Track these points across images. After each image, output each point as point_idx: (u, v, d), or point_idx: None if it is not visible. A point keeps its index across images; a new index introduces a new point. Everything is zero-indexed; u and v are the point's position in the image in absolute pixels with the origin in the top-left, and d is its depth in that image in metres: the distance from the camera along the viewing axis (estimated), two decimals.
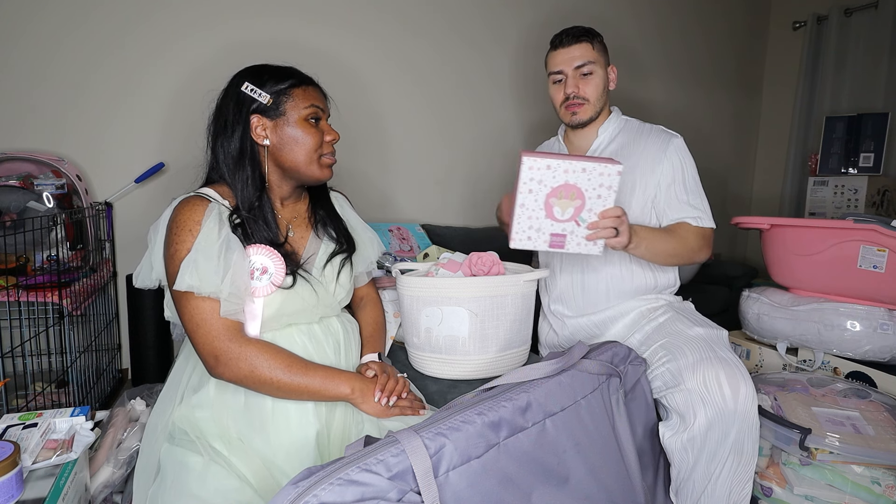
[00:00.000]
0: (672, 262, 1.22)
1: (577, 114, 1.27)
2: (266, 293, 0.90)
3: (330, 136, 0.99)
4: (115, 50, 1.77)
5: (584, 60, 1.24)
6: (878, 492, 1.02)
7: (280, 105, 0.94)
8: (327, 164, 0.99)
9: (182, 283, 0.83)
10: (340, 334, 1.02)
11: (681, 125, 1.41)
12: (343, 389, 0.91)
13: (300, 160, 0.96)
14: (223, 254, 0.85)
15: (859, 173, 2.56)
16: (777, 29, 3.31)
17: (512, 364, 1.15)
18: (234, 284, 0.85)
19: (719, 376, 0.97)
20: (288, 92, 0.95)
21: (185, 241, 0.86)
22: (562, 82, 1.28)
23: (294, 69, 0.99)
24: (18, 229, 1.34)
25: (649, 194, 1.25)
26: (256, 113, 0.94)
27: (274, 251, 0.92)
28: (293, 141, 0.95)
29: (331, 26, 2.07)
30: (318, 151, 0.97)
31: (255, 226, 0.93)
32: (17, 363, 1.43)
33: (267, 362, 0.86)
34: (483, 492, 0.68)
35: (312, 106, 0.96)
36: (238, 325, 0.88)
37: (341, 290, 1.03)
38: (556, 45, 1.28)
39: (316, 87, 1.00)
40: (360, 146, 2.18)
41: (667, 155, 1.24)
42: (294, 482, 0.58)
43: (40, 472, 0.78)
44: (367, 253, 1.13)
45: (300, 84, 0.97)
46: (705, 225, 1.23)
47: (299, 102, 0.95)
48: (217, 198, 0.94)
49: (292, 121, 0.95)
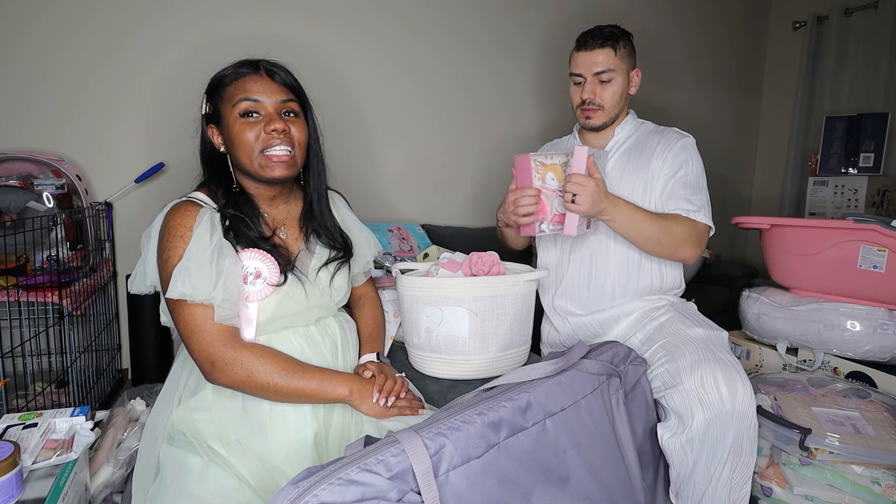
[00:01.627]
0: (650, 249, 1.20)
1: (591, 118, 1.28)
2: (261, 297, 0.89)
3: (272, 126, 0.88)
4: (115, 50, 1.77)
5: (605, 67, 1.24)
6: (878, 492, 1.02)
7: (218, 109, 0.93)
8: (276, 161, 0.90)
9: (174, 291, 0.82)
10: (338, 335, 1.01)
11: (681, 125, 1.41)
12: (341, 391, 0.90)
13: (245, 161, 0.91)
14: (215, 260, 0.85)
15: (859, 173, 2.55)
16: (777, 29, 3.31)
17: (512, 364, 1.15)
18: (227, 290, 0.84)
19: (717, 377, 0.97)
20: (220, 93, 0.92)
21: (176, 248, 0.85)
22: (580, 84, 1.28)
23: (232, 65, 0.93)
24: (18, 229, 1.34)
25: (655, 188, 1.26)
26: (210, 122, 0.95)
27: (267, 255, 0.90)
28: (233, 143, 0.91)
29: (331, 27, 2.07)
30: (258, 147, 0.90)
31: (242, 226, 0.92)
32: (17, 363, 1.43)
33: (263, 367, 0.85)
34: (483, 492, 0.68)
35: (242, 100, 0.89)
36: (233, 331, 0.87)
37: (337, 292, 1.02)
38: (580, 45, 1.27)
39: (256, 75, 0.91)
40: (361, 146, 2.19)
41: (672, 151, 1.25)
42: (294, 482, 0.58)
43: (40, 472, 0.78)
44: (364, 253, 1.12)
45: (234, 79, 0.91)
46: (698, 220, 1.21)
47: (230, 100, 0.90)
48: (208, 202, 0.93)
49: (228, 122, 0.91)
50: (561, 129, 1.48)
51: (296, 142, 0.93)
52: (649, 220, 1.17)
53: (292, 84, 0.95)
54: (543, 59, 2.54)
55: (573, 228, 1.11)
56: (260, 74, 0.92)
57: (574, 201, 1.08)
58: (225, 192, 0.94)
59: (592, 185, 1.07)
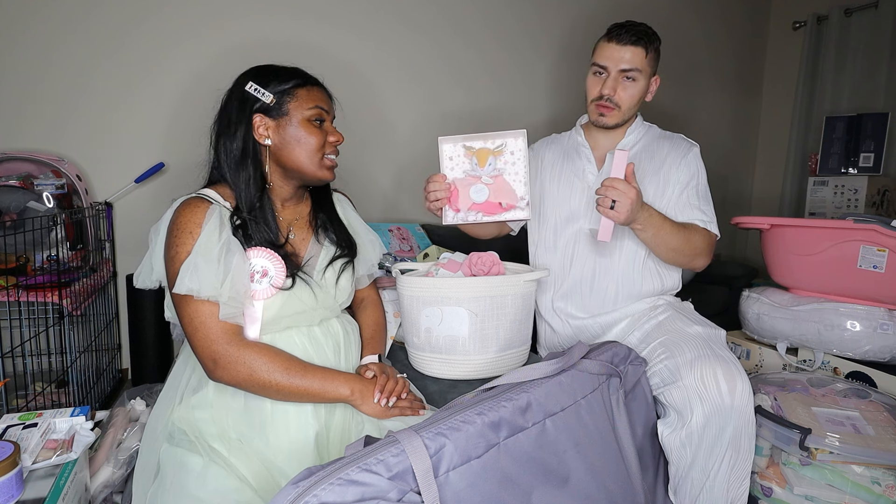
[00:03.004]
0: (671, 258, 1.22)
1: (605, 116, 1.23)
2: (266, 296, 0.90)
3: (334, 138, 0.98)
4: (115, 50, 1.77)
5: (632, 66, 1.18)
6: (878, 492, 1.02)
7: (283, 105, 0.94)
8: (329, 165, 0.99)
9: (182, 287, 0.83)
10: (340, 336, 1.01)
11: (681, 125, 1.42)
12: (342, 391, 0.91)
13: (302, 161, 0.95)
14: (223, 257, 0.85)
15: (859, 173, 2.55)
16: (777, 29, 3.31)
17: (512, 364, 1.15)
18: (233, 288, 0.85)
19: (716, 373, 0.98)
20: (291, 92, 0.95)
21: (185, 244, 0.86)
22: (601, 77, 1.22)
23: (299, 70, 0.99)
24: (18, 229, 1.34)
25: (668, 195, 1.26)
26: (259, 112, 0.94)
27: (274, 254, 0.91)
28: (295, 141, 0.94)
29: (335, 27, 2.07)
30: (321, 152, 0.96)
31: (256, 227, 0.93)
32: (17, 363, 1.43)
33: (266, 365, 0.86)
34: (483, 492, 0.68)
35: (316, 107, 0.96)
36: (237, 329, 0.88)
37: (342, 293, 1.03)
38: (611, 36, 1.20)
39: (321, 89, 0.99)
40: (360, 146, 2.18)
41: (686, 160, 1.26)
42: (294, 482, 0.58)
43: (40, 472, 0.78)
44: (369, 255, 1.12)
45: (304, 84, 0.96)
46: (712, 230, 1.24)
47: (303, 103, 0.95)
48: (218, 199, 0.93)
49: (295, 121, 0.94)
50: (562, 126, 1.47)
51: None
52: (675, 231, 1.16)
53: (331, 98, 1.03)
54: (544, 58, 2.55)
55: (608, 235, 1.08)
56: (321, 88, 1.00)
57: (613, 208, 1.05)
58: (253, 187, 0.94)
59: (634, 195, 1.04)
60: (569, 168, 1.33)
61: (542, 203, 1.35)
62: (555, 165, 1.35)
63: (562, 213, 1.32)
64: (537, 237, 1.38)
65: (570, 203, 1.31)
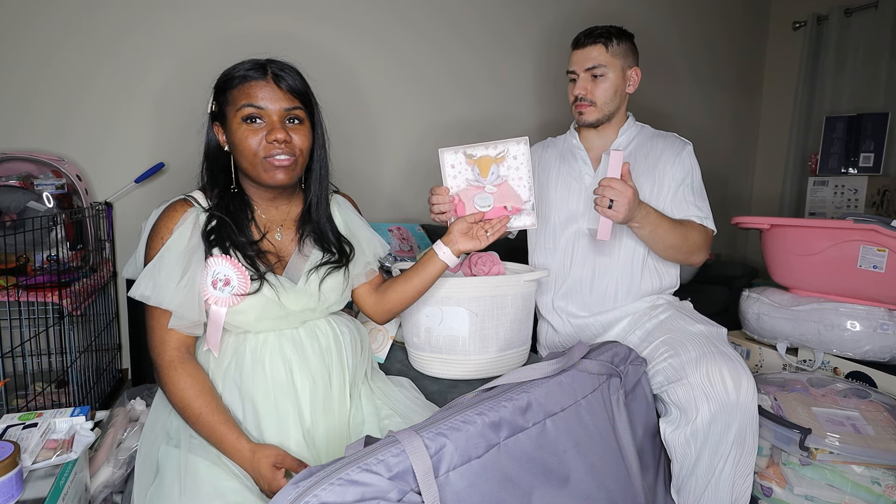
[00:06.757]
0: (670, 255, 1.24)
1: (583, 114, 1.30)
2: (230, 304, 0.88)
3: (273, 136, 0.88)
4: (115, 50, 1.77)
5: (595, 63, 1.25)
6: (878, 492, 1.02)
7: (223, 109, 0.92)
8: (277, 165, 0.90)
9: (136, 291, 0.84)
10: (329, 336, 0.98)
11: (680, 125, 1.42)
12: (236, 460, 0.83)
13: (246, 164, 0.91)
14: (184, 263, 0.85)
15: (859, 173, 2.55)
16: (777, 29, 3.31)
17: (512, 364, 1.15)
18: (186, 297, 0.84)
19: (722, 370, 0.98)
20: (227, 94, 0.91)
21: (154, 248, 0.87)
22: (575, 82, 1.30)
23: (245, 63, 0.91)
24: (18, 229, 1.34)
25: (664, 193, 1.27)
26: (215, 120, 0.94)
27: (236, 264, 0.88)
28: (236, 145, 0.91)
29: (332, 26, 2.07)
30: (260, 154, 0.89)
31: (228, 228, 0.91)
32: (17, 363, 1.43)
33: (189, 395, 0.84)
34: (483, 492, 0.68)
35: (246, 105, 0.88)
36: (186, 341, 0.88)
37: (327, 297, 0.98)
38: (574, 44, 1.31)
39: (263, 81, 0.89)
40: (360, 146, 2.19)
41: (680, 158, 1.28)
42: (294, 482, 0.58)
43: (40, 472, 0.78)
44: (365, 252, 1.07)
45: (244, 82, 0.89)
46: (707, 226, 1.26)
47: (234, 104, 0.89)
48: (202, 201, 0.93)
49: (233, 125, 0.90)
50: (561, 126, 1.47)
51: (297, 149, 0.92)
52: (673, 228, 1.19)
53: (299, 90, 0.93)
54: (543, 57, 2.54)
55: (607, 233, 1.10)
56: (266, 80, 0.89)
57: (612, 207, 1.07)
58: (220, 192, 0.94)
59: (631, 194, 1.06)
60: (566, 170, 1.35)
61: (542, 206, 1.36)
62: (552, 168, 1.37)
63: (561, 215, 1.33)
64: (537, 239, 1.38)
65: (569, 204, 1.32)
